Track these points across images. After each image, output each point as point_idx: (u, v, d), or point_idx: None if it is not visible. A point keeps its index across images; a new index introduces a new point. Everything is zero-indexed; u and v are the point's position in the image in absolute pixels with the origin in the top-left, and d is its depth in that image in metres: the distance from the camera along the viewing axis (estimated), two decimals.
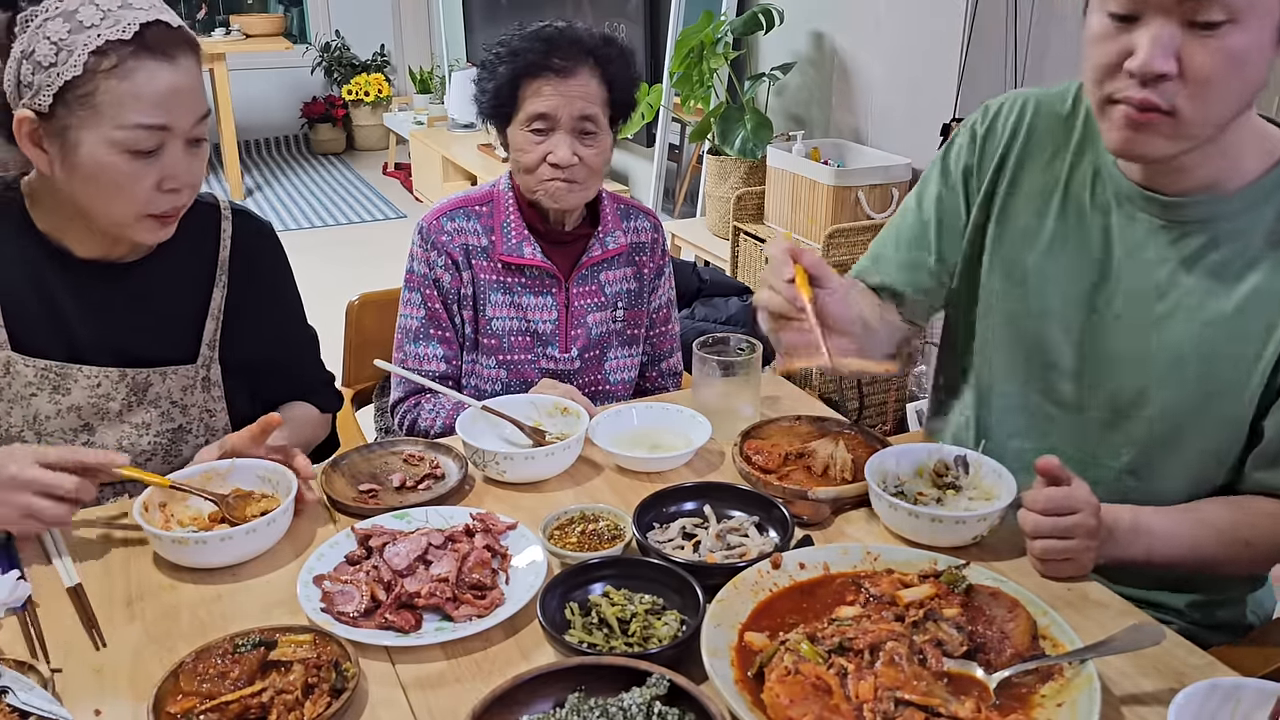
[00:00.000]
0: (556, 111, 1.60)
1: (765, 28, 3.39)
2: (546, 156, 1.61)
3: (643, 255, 1.81)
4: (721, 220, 3.57)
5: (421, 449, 1.47)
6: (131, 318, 1.37)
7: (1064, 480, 1.13)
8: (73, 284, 1.34)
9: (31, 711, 0.93)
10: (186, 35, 1.25)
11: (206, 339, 1.43)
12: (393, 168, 6.89)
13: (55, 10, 1.19)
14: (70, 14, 1.19)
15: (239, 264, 1.46)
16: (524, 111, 1.62)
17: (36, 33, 1.19)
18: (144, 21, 1.20)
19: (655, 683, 0.92)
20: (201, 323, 1.43)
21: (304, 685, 0.96)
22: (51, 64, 1.18)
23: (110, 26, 1.18)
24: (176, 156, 1.25)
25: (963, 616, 1.01)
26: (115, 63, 1.18)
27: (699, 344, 1.54)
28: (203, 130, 1.28)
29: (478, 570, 1.14)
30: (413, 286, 1.72)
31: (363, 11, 7.49)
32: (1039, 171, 1.32)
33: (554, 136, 1.61)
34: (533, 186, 1.65)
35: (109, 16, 1.19)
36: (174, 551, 1.19)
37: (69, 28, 1.18)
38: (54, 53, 1.18)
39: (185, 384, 1.41)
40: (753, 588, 1.09)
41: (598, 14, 4.63)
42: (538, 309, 1.73)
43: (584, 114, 1.61)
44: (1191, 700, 0.89)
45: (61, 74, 1.17)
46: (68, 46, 1.17)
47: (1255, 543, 1.20)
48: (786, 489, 1.31)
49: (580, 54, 1.60)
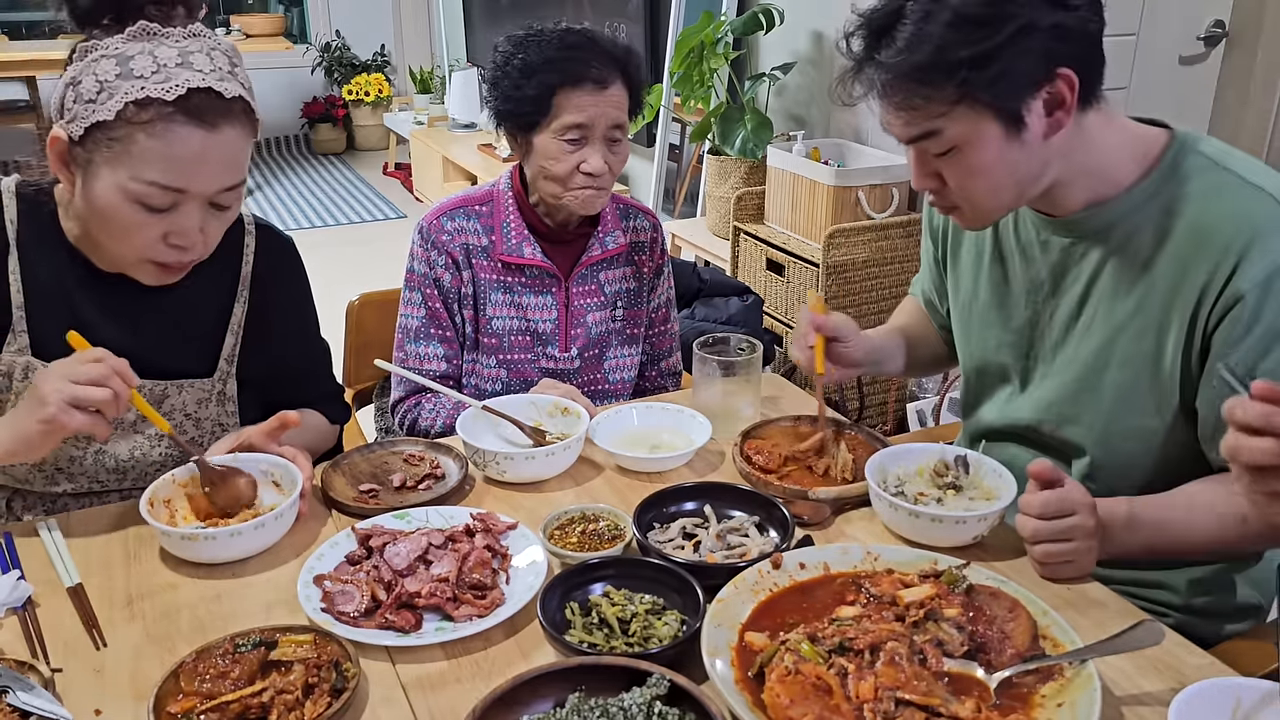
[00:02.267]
0: (594, 122, 1.59)
1: (765, 28, 3.39)
2: (580, 165, 1.61)
3: (642, 254, 1.81)
4: (722, 220, 3.57)
5: (422, 449, 1.47)
6: (152, 330, 1.36)
7: (1057, 482, 1.13)
8: (96, 294, 1.33)
9: (32, 711, 0.94)
10: (241, 107, 1.21)
11: (225, 354, 1.43)
12: (393, 168, 6.89)
13: (114, 50, 1.17)
14: (125, 59, 1.16)
15: (260, 279, 1.45)
16: (559, 121, 1.60)
17: (90, 66, 1.17)
18: (193, 86, 1.16)
19: (655, 683, 0.92)
20: (221, 337, 1.43)
21: (304, 685, 0.96)
22: (91, 100, 1.16)
23: (159, 83, 1.15)
24: (190, 216, 1.22)
25: (963, 616, 1.01)
26: (150, 118, 1.15)
27: (699, 344, 1.54)
28: (231, 198, 1.25)
29: (478, 570, 1.14)
30: (413, 286, 1.72)
31: (363, 11, 7.49)
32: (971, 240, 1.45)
33: (587, 146, 1.61)
34: (560, 194, 1.64)
35: (161, 72, 1.16)
36: (182, 547, 1.19)
37: (118, 72, 1.15)
38: (96, 91, 1.16)
39: (201, 397, 1.41)
40: (753, 588, 1.09)
41: (598, 14, 4.63)
42: (538, 308, 1.73)
43: (617, 123, 1.62)
44: (1192, 700, 0.89)
45: (97, 113, 1.15)
46: (110, 89, 1.15)
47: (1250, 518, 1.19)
48: (787, 489, 1.31)
49: (613, 64, 1.60)
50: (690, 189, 4.34)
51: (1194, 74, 3.49)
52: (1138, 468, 1.27)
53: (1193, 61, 3.48)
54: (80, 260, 1.32)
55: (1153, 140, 1.24)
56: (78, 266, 1.32)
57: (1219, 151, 1.22)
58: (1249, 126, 3.54)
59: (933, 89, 1.13)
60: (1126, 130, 1.24)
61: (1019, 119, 1.14)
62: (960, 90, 1.12)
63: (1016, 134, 1.15)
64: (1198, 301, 1.18)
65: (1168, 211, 1.21)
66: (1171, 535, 1.19)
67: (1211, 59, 3.50)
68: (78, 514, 1.31)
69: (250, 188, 6.50)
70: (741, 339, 1.56)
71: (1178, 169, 1.21)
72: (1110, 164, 1.23)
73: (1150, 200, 1.22)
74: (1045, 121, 1.16)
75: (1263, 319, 1.13)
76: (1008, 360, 1.42)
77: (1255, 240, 1.13)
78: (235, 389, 1.45)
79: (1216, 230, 1.16)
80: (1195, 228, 1.18)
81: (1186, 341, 1.20)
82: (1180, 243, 1.19)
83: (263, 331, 1.46)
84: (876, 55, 1.16)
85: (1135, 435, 1.28)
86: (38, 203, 1.32)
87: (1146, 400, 1.26)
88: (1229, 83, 3.54)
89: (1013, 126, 1.15)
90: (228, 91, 1.19)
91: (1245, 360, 1.15)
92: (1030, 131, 1.15)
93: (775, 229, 3.26)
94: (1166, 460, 1.26)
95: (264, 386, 1.49)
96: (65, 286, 1.32)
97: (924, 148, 1.20)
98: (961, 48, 1.10)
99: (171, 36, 1.19)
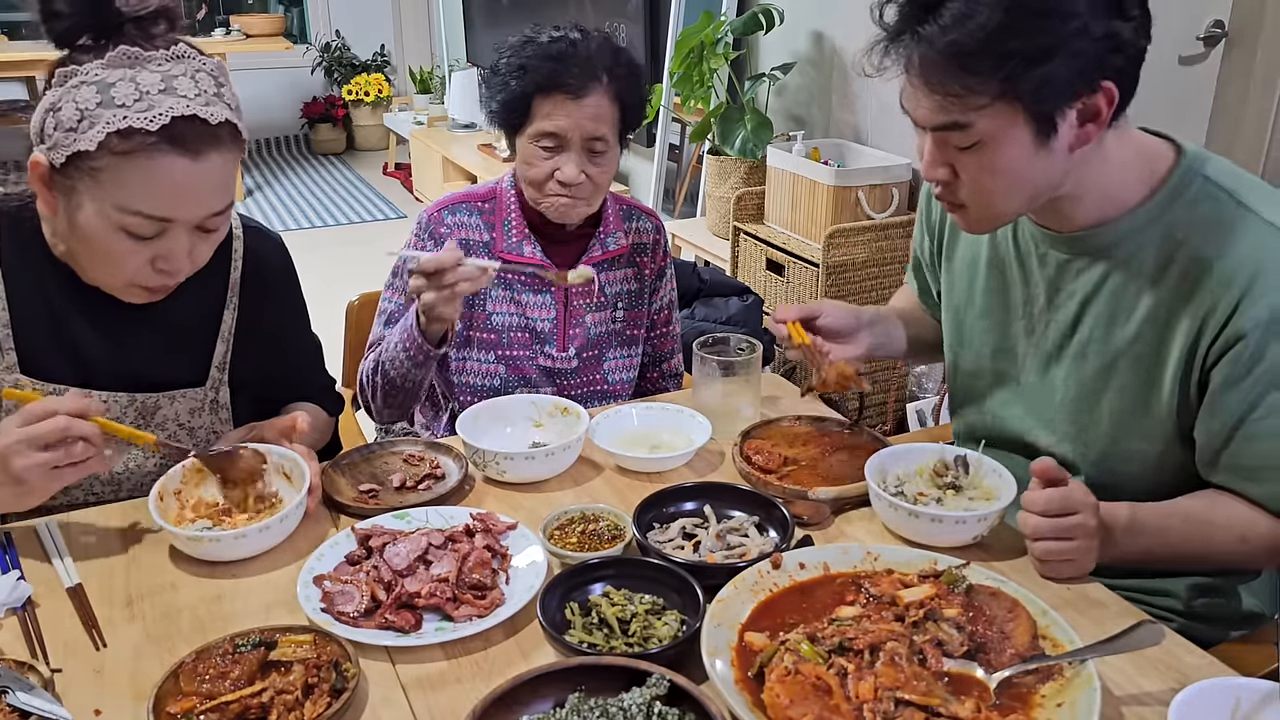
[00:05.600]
0: (566, 132, 1.59)
1: (765, 28, 3.39)
2: (554, 173, 1.60)
3: (644, 256, 1.81)
4: (722, 220, 3.57)
5: (421, 449, 1.47)
6: (142, 342, 1.35)
7: (1061, 481, 1.13)
8: (83, 307, 1.31)
9: (31, 712, 0.93)
10: (227, 131, 1.17)
11: (216, 361, 1.41)
12: (393, 168, 6.89)
13: (94, 76, 1.12)
14: (105, 85, 1.11)
15: (250, 284, 1.43)
16: (534, 127, 1.60)
17: (70, 92, 1.12)
18: (176, 115, 1.12)
19: (655, 683, 0.92)
20: (212, 345, 1.41)
21: (304, 685, 0.96)
22: (71, 129, 1.11)
23: (141, 112, 1.10)
24: (178, 241, 1.19)
25: (963, 616, 1.01)
26: (132, 148, 1.11)
27: (699, 344, 1.54)
28: (219, 221, 1.22)
29: (478, 570, 1.14)
30: (398, 273, 1.72)
31: (363, 11, 7.49)
32: (967, 243, 1.43)
33: (562, 154, 1.60)
34: (538, 199, 1.65)
35: (143, 100, 1.11)
36: (189, 547, 1.20)
37: (99, 100, 1.11)
38: (77, 119, 1.11)
39: (194, 407, 1.40)
40: (753, 588, 1.09)
41: (598, 14, 4.63)
42: (537, 306, 1.73)
43: (594, 135, 1.60)
44: (1192, 700, 0.89)
45: (78, 143, 1.11)
46: (91, 118, 1.11)
47: (1250, 539, 1.20)
48: (787, 489, 1.31)
49: (593, 74, 1.58)
50: (690, 189, 4.34)
51: (1193, 74, 3.49)
52: (1133, 489, 1.25)
53: (1192, 61, 3.47)
54: (65, 274, 1.29)
55: (1159, 158, 1.21)
56: (63, 281, 1.29)
57: (1227, 175, 1.19)
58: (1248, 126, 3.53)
59: (976, 79, 1.07)
60: (1136, 146, 1.21)
61: (1052, 125, 1.10)
62: (1004, 85, 1.07)
63: (1045, 140, 1.11)
64: (1197, 335, 1.17)
65: (1170, 238, 1.18)
66: (1170, 543, 1.19)
67: (1211, 59, 3.50)
68: (77, 514, 1.31)
69: (250, 188, 6.50)
70: (741, 339, 1.56)
71: (1183, 192, 1.18)
72: (1119, 182, 1.20)
73: (1153, 223, 1.19)
74: (1076, 132, 1.12)
75: (1265, 359, 1.12)
76: (1000, 368, 1.40)
77: (1259, 278, 1.11)
78: (228, 396, 1.44)
79: (1219, 264, 1.14)
80: (1198, 260, 1.16)
81: (1184, 373, 1.19)
82: (1182, 273, 1.17)
83: (254, 336, 1.44)
84: (920, 29, 1.09)
85: (1132, 458, 1.27)
86: (20, 218, 1.28)
87: (1144, 426, 1.25)
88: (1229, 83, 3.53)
89: (1043, 132, 1.11)
90: (213, 117, 1.15)
91: (1246, 399, 1.14)
92: (1059, 140, 1.11)
93: (775, 229, 3.26)
94: (1161, 484, 1.25)
95: (258, 387, 1.48)
96: (51, 301, 1.29)
97: (945, 137, 1.15)
98: (1015, 38, 1.04)
99: (154, 60, 1.14)
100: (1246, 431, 1.16)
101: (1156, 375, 1.22)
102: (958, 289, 1.45)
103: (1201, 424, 1.20)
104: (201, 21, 7.05)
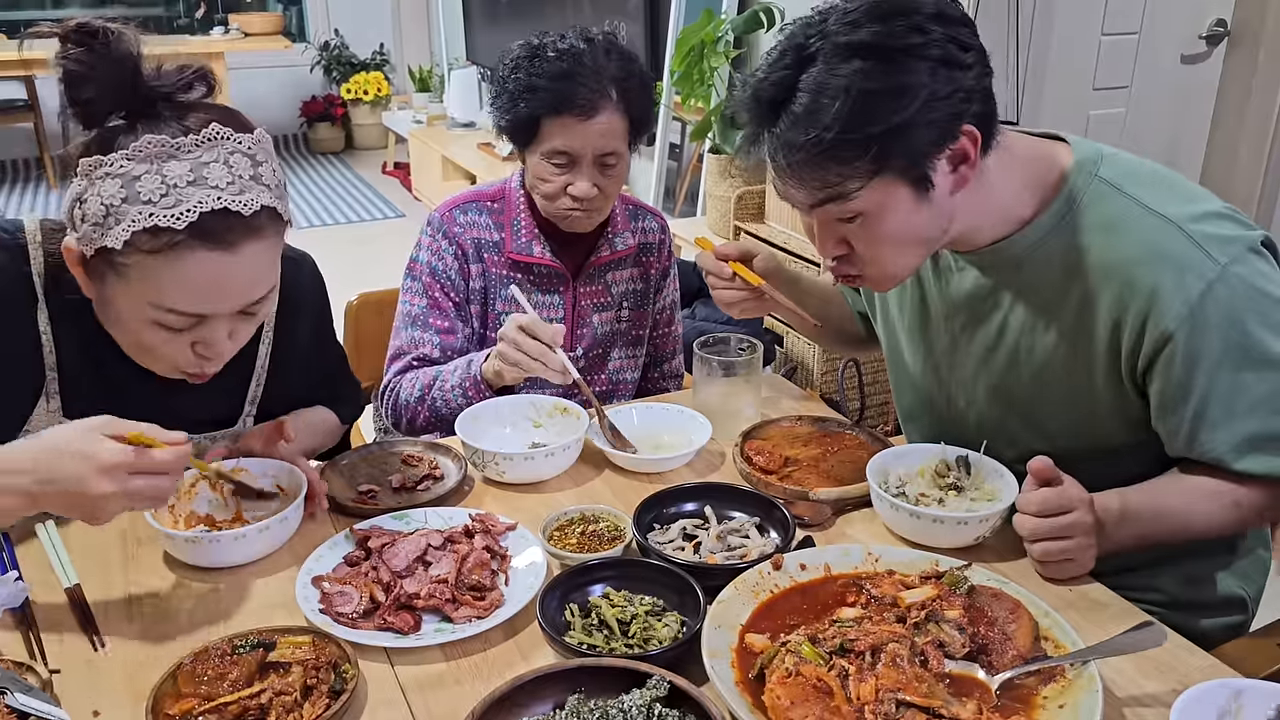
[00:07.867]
0: (578, 151, 1.58)
1: (766, 26, 3.39)
2: (567, 188, 1.61)
3: (650, 256, 1.81)
4: (722, 220, 3.57)
5: (420, 449, 1.46)
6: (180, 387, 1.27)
7: (1055, 480, 1.13)
8: (123, 355, 1.23)
9: (30, 712, 0.93)
10: (266, 216, 1.10)
11: (249, 397, 1.40)
12: (392, 167, 6.89)
13: (119, 168, 1.05)
14: (130, 179, 1.04)
15: (282, 310, 1.37)
16: (546, 146, 1.59)
17: (94, 186, 1.06)
18: (205, 210, 1.05)
19: (655, 684, 0.92)
20: (247, 381, 1.39)
21: (303, 687, 0.96)
22: (98, 224, 1.06)
23: (168, 208, 1.04)
24: (217, 330, 1.14)
25: (964, 618, 1.01)
26: (161, 246, 1.05)
27: (699, 344, 1.54)
28: (259, 306, 1.16)
29: (477, 571, 1.14)
30: (415, 275, 1.72)
31: (362, 10, 7.49)
32: None
33: (574, 170, 1.60)
34: (550, 211, 1.65)
35: (170, 195, 1.04)
36: (187, 551, 1.19)
37: (124, 195, 1.04)
38: (103, 214, 1.05)
39: None
40: (753, 589, 1.09)
41: (598, 13, 4.62)
42: (545, 307, 1.73)
43: (605, 151, 1.59)
44: (1193, 701, 0.89)
45: (106, 239, 1.06)
46: (116, 214, 1.05)
47: (1243, 503, 1.20)
48: (787, 490, 1.31)
49: (602, 91, 1.56)
50: (691, 188, 4.33)
51: (1196, 73, 3.49)
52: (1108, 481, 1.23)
53: (1195, 60, 3.47)
54: None
55: (1050, 167, 1.21)
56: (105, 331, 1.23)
57: (1120, 174, 1.19)
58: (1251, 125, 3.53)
59: (845, 167, 1.09)
60: (1023, 160, 1.21)
61: (928, 180, 1.11)
62: (874, 165, 1.08)
63: (925, 194, 1.12)
64: (1117, 339, 1.18)
65: (1072, 245, 1.19)
66: (1171, 524, 1.20)
67: (1214, 58, 3.50)
68: None
69: None
70: (742, 339, 1.55)
71: (1078, 197, 1.19)
72: (1009, 202, 1.21)
73: (1051, 234, 1.20)
74: (951, 178, 1.13)
75: (1204, 354, 1.13)
76: (933, 383, 1.41)
77: (1165, 275, 1.12)
78: (253, 424, 1.42)
79: (1122, 266, 1.15)
80: (1101, 265, 1.17)
81: (1114, 376, 1.21)
82: (1089, 279, 1.18)
83: (288, 360, 1.42)
84: (774, 130, 1.11)
85: (1096, 457, 1.26)
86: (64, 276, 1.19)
87: (1096, 429, 1.26)
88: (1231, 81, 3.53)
89: (922, 189, 1.12)
90: (247, 206, 1.07)
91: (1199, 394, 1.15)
92: (937, 190, 1.13)
93: (776, 228, 3.26)
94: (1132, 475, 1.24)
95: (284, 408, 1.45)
96: (93, 346, 1.24)
97: (826, 212, 1.15)
98: (871, 123, 1.06)
99: (183, 148, 1.06)
100: (1211, 420, 1.16)
101: (1091, 381, 1.23)
102: (891, 300, 1.47)
103: (1159, 423, 1.21)
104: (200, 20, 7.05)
